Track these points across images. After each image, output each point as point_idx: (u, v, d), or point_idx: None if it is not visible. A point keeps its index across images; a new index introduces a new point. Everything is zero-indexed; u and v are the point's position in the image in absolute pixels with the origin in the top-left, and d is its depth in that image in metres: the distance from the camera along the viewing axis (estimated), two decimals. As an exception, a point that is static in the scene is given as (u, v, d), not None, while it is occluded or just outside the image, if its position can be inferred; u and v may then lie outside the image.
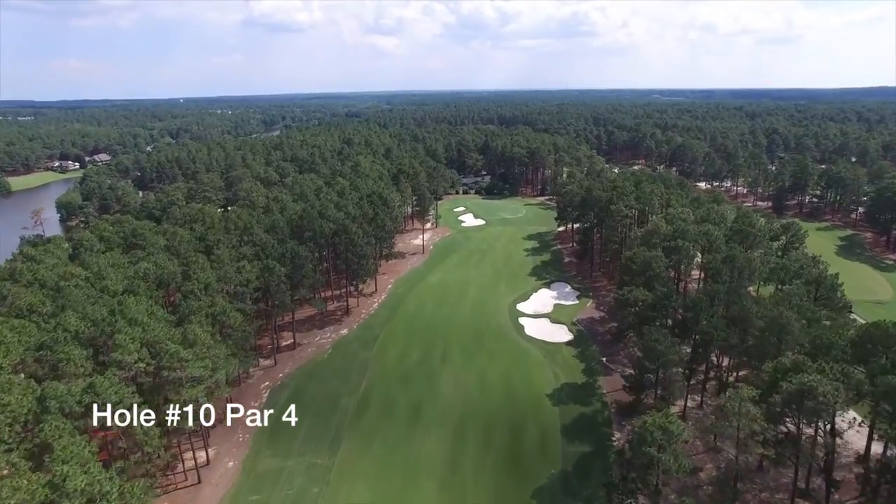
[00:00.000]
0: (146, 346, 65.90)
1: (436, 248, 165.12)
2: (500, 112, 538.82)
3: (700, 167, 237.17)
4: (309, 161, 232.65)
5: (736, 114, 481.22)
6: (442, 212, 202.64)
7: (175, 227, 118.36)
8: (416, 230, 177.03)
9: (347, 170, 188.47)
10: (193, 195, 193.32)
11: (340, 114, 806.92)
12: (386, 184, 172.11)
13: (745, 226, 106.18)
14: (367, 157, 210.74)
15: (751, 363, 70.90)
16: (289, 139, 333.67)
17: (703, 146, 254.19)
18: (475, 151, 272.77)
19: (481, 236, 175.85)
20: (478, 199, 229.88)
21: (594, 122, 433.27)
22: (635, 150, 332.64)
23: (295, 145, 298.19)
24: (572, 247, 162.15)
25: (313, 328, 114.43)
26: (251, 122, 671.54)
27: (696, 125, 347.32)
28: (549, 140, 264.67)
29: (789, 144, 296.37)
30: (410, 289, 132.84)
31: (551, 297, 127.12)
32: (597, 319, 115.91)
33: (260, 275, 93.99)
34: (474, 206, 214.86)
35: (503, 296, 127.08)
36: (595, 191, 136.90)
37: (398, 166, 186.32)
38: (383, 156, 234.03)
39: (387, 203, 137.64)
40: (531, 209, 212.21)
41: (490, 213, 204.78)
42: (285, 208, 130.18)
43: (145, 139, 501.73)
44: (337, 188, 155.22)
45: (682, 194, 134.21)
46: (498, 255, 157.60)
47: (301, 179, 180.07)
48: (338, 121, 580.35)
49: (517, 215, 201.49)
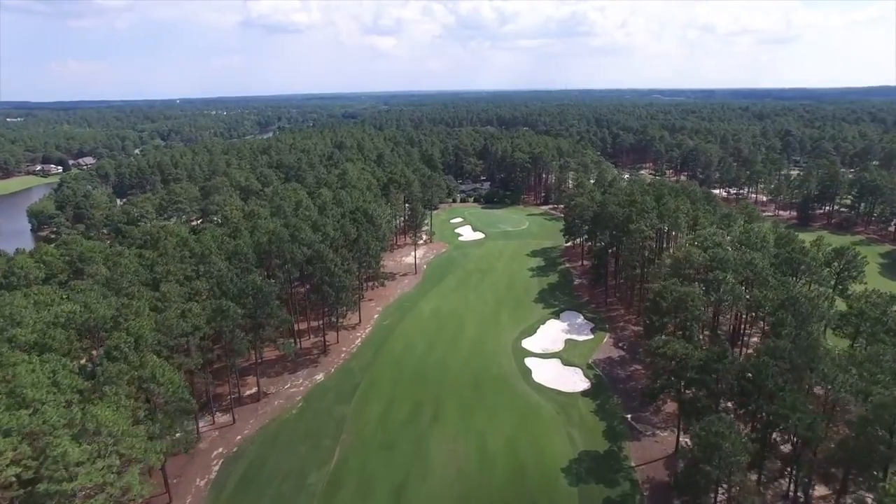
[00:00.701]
0: (27, 440, 48.45)
1: (430, 267, 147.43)
2: (499, 113, 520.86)
3: (715, 173, 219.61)
4: (295, 168, 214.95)
5: (742, 114, 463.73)
6: (437, 223, 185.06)
7: (123, 253, 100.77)
8: (408, 246, 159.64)
9: (334, 179, 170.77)
10: (165, 207, 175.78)
11: (337, 115, 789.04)
12: (374, 195, 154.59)
13: (794, 253, 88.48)
14: (356, 165, 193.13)
15: (847, 468, 52.89)
16: (278, 143, 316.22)
17: (717, 150, 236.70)
18: (474, 156, 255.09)
19: (480, 253, 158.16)
20: (476, 209, 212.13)
21: (597, 124, 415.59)
22: (642, 153, 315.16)
23: (283, 149, 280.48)
24: (582, 265, 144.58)
25: (283, 372, 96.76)
26: (245, 123, 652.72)
27: (705, 127, 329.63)
28: (552, 143, 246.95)
29: (805, 147, 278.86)
30: (399, 320, 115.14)
31: (562, 330, 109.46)
32: (616, 360, 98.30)
33: (212, 317, 76.40)
34: (473, 217, 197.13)
35: (506, 329, 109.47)
36: (610, 206, 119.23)
37: (389, 175, 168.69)
38: (374, 162, 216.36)
39: (373, 220, 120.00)
40: (535, 220, 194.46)
41: (490, 225, 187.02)
42: (257, 227, 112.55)
43: (134, 142, 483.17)
44: (319, 202, 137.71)
45: (710, 210, 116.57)
46: (499, 275, 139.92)
47: (282, 190, 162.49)
48: (333, 122, 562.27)
49: (519, 228, 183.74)
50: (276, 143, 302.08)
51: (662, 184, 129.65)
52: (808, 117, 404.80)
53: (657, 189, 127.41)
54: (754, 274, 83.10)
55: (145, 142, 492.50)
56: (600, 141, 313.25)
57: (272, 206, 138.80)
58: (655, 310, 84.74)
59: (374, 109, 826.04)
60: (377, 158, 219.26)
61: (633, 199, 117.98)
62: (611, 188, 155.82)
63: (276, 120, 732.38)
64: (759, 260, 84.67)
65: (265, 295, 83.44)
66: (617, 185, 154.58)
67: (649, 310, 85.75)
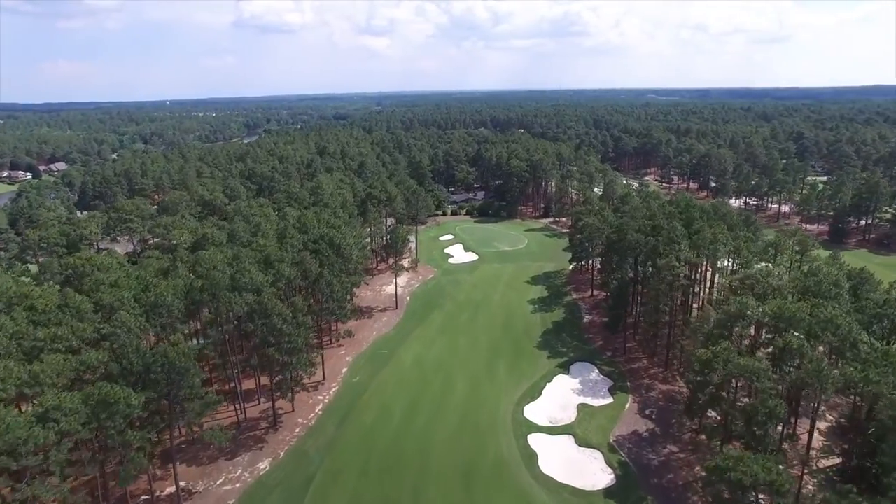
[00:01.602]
0: None
1: (414, 299, 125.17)
2: (493, 114, 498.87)
3: (730, 181, 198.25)
4: (268, 178, 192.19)
5: (745, 115, 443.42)
6: (425, 242, 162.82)
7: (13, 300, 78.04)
8: (390, 271, 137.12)
9: (306, 193, 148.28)
10: (114, 226, 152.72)
11: (328, 116, 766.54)
12: (349, 214, 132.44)
13: (890, 308, 66.55)
14: (333, 176, 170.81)
15: None
16: (259, 148, 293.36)
17: (732, 156, 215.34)
18: (466, 162, 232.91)
19: (474, 280, 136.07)
20: (469, 223, 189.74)
21: (595, 125, 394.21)
22: (645, 157, 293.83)
23: (261, 156, 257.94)
24: (592, 297, 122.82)
25: (219, 457, 74.37)
26: (231, 125, 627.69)
27: (712, 129, 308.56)
28: (551, 149, 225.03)
29: (820, 151, 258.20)
30: (373, 375, 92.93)
31: (573, 390, 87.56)
32: (644, 437, 76.33)
33: (92, 416, 54.06)
34: (465, 234, 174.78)
35: (504, 389, 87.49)
36: (629, 232, 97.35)
37: (368, 189, 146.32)
38: (355, 171, 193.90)
39: (340, 252, 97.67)
40: (534, 237, 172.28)
41: (484, 243, 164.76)
42: (199, 262, 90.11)
43: (112, 146, 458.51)
44: (282, 224, 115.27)
45: (751, 237, 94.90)
46: (495, 310, 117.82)
47: (246, 208, 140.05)
48: (321, 124, 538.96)
49: (518, 247, 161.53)
50: (255, 149, 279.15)
51: (689, 203, 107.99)
52: (816, 118, 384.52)
53: (683, 209, 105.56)
54: (839, 339, 61.29)
55: (125, 146, 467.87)
56: (601, 144, 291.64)
57: (229, 230, 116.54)
58: (702, 387, 63.06)
59: (366, 110, 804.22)
60: (358, 167, 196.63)
61: (657, 225, 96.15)
62: (623, 204, 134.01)
63: (266, 122, 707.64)
64: (840, 316, 62.84)
65: (180, 371, 61.11)
66: (631, 202, 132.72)
67: (695, 386, 64.01)
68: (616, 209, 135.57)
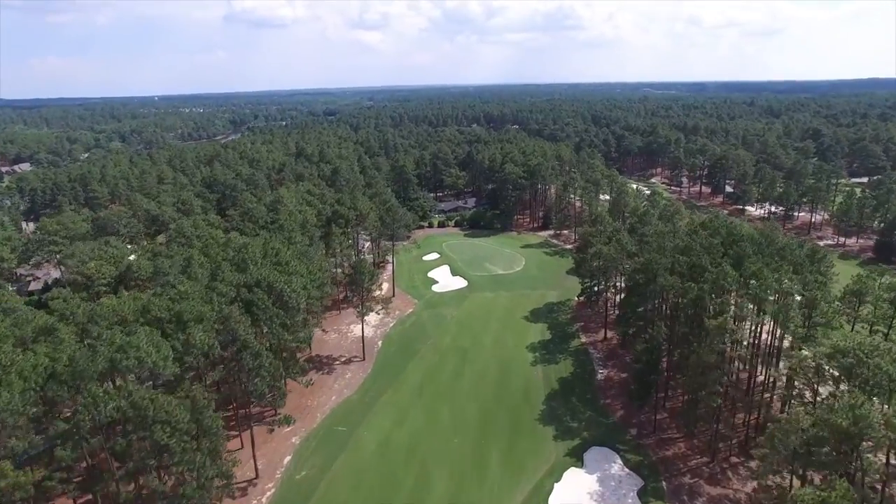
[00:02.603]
0: None
1: (387, 343, 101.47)
2: (486, 110, 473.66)
3: (751, 187, 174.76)
4: (230, 187, 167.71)
5: (749, 110, 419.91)
6: (405, 263, 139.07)
7: None
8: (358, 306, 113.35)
9: (262, 210, 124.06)
10: (33, 249, 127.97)
11: (318, 112, 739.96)
12: (310, 238, 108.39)
13: None
14: (299, 188, 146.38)
15: None
16: (232, 149, 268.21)
17: (751, 157, 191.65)
18: (455, 166, 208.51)
19: (461, 315, 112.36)
20: (458, 237, 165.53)
21: (594, 122, 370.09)
22: (650, 157, 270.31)
23: (232, 159, 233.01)
24: (605, 341, 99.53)
25: None
26: (217, 122, 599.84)
27: (721, 126, 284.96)
28: (550, 150, 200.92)
29: (842, 150, 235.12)
30: (324, 469, 69.15)
31: (589, 495, 64.16)
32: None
33: None
34: (452, 252, 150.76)
35: (497, 495, 64.10)
36: (659, 272, 73.79)
37: (334, 206, 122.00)
38: (328, 179, 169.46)
39: (284, 303, 73.61)
40: (533, 255, 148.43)
41: (475, 264, 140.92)
42: (94, 318, 66.17)
43: (86, 144, 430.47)
44: (222, 256, 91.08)
45: (823, 279, 70.98)
46: (487, 361, 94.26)
47: (190, 230, 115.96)
48: (309, 121, 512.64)
49: (514, 269, 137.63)
50: (227, 151, 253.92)
51: (731, 230, 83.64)
52: (826, 113, 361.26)
53: (726, 237, 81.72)
54: None
55: (101, 145, 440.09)
56: (603, 143, 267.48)
57: (154, 265, 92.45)
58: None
59: (358, 106, 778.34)
60: (332, 174, 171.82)
61: (697, 264, 72.51)
62: (640, 223, 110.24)
63: (253, 118, 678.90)
64: None
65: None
66: (649, 221, 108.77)
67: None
68: (632, 229, 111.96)
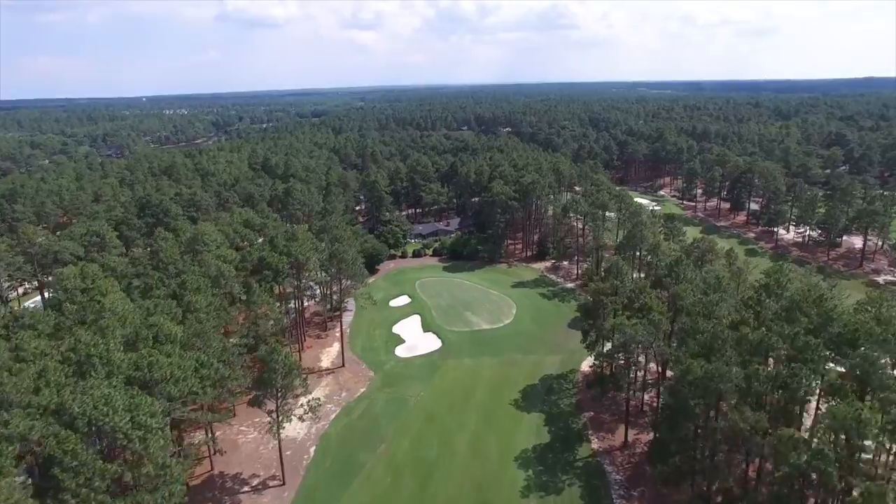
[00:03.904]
0: None
1: (320, 452, 71.12)
2: (477, 112, 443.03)
3: (786, 207, 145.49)
4: (159, 212, 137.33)
5: (755, 111, 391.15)
6: (366, 312, 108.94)
7: None
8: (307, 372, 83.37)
9: (174, 254, 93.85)
10: None
11: (306, 113, 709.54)
12: (218, 305, 78.29)
13: None
14: (234, 218, 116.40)
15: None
16: (192, 158, 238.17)
17: (781, 170, 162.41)
18: (437, 181, 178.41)
19: (428, 398, 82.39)
20: (436, 271, 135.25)
21: (592, 124, 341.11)
22: (654, 164, 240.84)
23: (184, 172, 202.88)
24: (625, 447, 70.06)
25: None
26: (197, 125, 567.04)
27: (733, 131, 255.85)
28: (546, 163, 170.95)
29: (873, 158, 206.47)
30: None
31: None
32: None
33: None
34: (427, 294, 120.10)
35: None
36: (726, 393, 44.20)
37: (262, 253, 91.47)
38: (280, 200, 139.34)
39: (146, 447, 43.75)
40: (526, 298, 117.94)
41: (453, 312, 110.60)
42: None
43: (51, 149, 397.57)
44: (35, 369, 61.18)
45: None
46: (459, 486, 64.42)
47: (73, 281, 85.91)
48: (293, 123, 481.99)
49: (502, 321, 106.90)
50: (183, 161, 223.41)
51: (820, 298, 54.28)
52: (841, 114, 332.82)
53: (818, 320, 52.19)
54: None
55: (67, 150, 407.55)
56: (604, 150, 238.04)
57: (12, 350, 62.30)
58: None
59: (347, 107, 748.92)
60: (283, 195, 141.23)
61: (761, 374, 42.90)
62: (671, 274, 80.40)
63: (238, 120, 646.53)
64: None
65: None
66: (685, 274, 78.82)
67: None
68: (657, 282, 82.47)
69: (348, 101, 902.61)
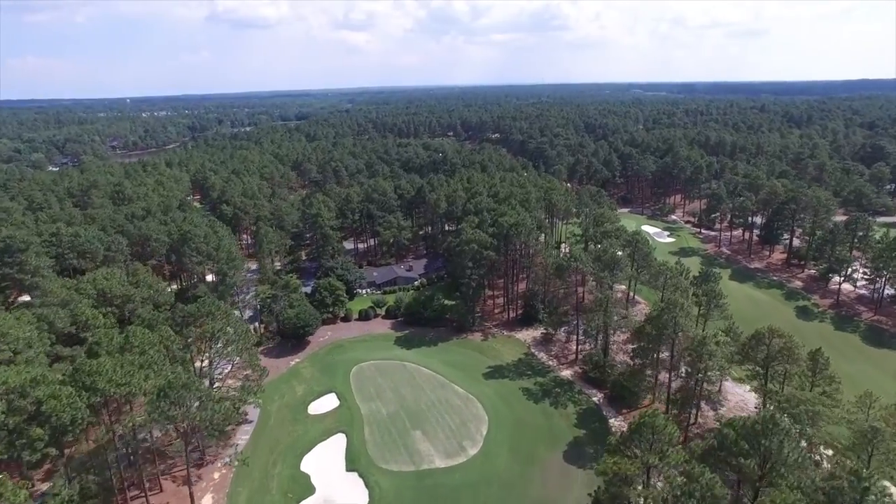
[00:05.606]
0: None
1: None
2: (464, 117, 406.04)
3: (852, 250, 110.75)
4: (20, 266, 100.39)
5: (762, 116, 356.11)
6: (272, 420, 72.86)
7: None
8: None
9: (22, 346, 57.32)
10: None
11: (291, 116, 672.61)
12: None
13: None
14: (40, 323, 79.98)
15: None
16: (110, 175, 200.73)
17: (834, 201, 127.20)
18: (401, 209, 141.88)
19: None
20: (385, 347, 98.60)
21: (588, 130, 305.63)
22: (659, 180, 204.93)
23: (97, 195, 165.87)
24: None
25: None
26: (170, 129, 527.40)
27: (753, 142, 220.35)
28: (535, 191, 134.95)
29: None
30: None
31: None
32: None
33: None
34: (363, 394, 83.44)
35: None
36: None
37: (55, 389, 54.79)
38: (176, 248, 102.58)
39: None
40: (505, 399, 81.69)
41: (396, 429, 74.15)
42: None
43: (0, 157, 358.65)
44: None
45: None
46: None
47: None
48: (269, 129, 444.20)
49: (465, 451, 70.03)
50: (104, 177, 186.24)
51: None
52: (861, 121, 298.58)
53: None
54: None
55: (18, 158, 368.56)
56: (604, 164, 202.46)
57: None
58: None
59: (333, 109, 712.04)
60: (181, 241, 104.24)
61: None
62: (758, 445, 45.01)
63: (217, 123, 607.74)
64: None
65: None
66: (774, 436, 43.99)
67: None
68: (720, 443, 46.72)
69: (336, 104, 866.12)
